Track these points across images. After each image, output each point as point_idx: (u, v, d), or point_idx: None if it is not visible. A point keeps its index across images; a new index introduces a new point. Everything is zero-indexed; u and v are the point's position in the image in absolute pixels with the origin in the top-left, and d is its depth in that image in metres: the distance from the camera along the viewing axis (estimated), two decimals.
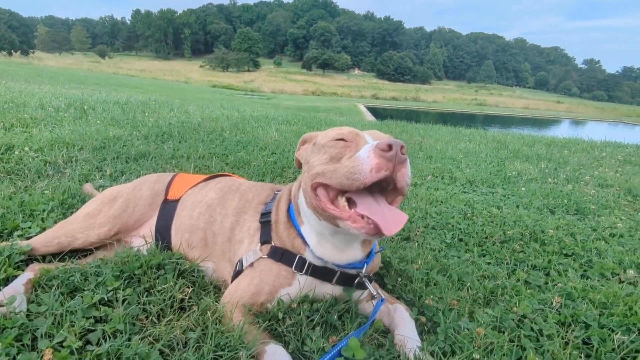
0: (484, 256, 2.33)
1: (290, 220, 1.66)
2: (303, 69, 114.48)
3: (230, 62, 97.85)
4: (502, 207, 3.17)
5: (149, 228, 1.99)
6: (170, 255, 1.85)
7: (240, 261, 1.66)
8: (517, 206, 3.26)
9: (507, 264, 2.24)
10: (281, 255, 1.59)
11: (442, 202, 3.21)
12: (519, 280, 2.05)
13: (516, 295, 1.87)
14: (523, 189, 3.79)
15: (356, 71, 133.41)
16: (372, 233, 1.29)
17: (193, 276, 1.80)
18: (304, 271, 1.58)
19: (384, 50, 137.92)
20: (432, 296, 1.78)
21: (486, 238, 2.54)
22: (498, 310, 1.70)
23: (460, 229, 2.65)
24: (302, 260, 1.58)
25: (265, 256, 1.61)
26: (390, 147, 1.25)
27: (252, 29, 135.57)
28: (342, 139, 1.45)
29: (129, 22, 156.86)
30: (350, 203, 1.38)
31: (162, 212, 1.99)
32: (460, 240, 2.53)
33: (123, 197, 2.01)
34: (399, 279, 1.92)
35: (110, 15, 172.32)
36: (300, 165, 1.73)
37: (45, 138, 4.03)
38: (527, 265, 2.21)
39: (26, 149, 3.53)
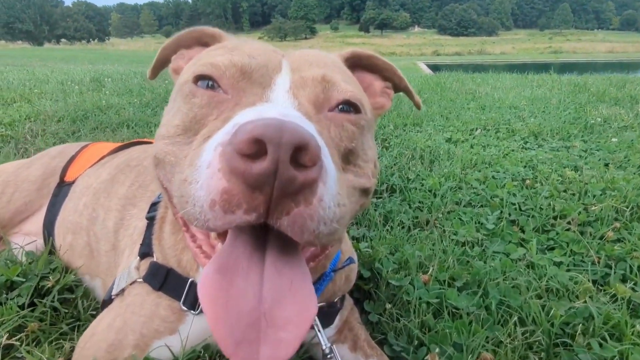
0: (551, 250, 1.42)
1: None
2: (360, 32, 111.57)
3: (288, 31, 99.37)
4: (582, 167, 2.15)
5: (37, 222, 1.41)
6: (41, 265, 1.23)
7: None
8: (606, 165, 2.23)
9: (593, 263, 1.32)
10: (163, 280, 0.89)
11: (490, 164, 2.26)
12: (614, 299, 1.14)
13: (613, 338, 0.98)
14: (614, 139, 2.70)
15: (416, 29, 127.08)
16: None
17: (65, 299, 1.17)
18: (198, 309, 0.86)
19: (445, 3, 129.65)
20: (442, 343, 0.94)
21: (555, 219, 1.61)
22: None
23: (514, 204, 1.72)
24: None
25: (141, 279, 0.92)
26: (259, 144, 0.47)
27: None
28: (210, 79, 0.67)
29: (190, 1, 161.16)
30: None
31: (53, 201, 1.40)
32: (512, 223, 1.62)
33: (0, 179, 1.45)
34: (389, 305, 1.09)
35: None
36: None
37: (25, 111, 3.61)
38: (630, 267, 1.28)
39: None
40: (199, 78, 0.67)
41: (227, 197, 0.49)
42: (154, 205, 1.04)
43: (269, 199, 0.48)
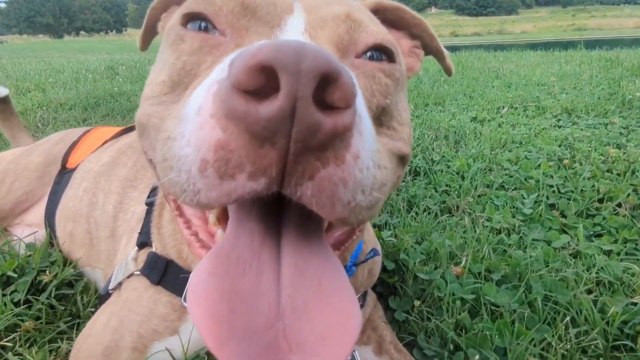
0: (598, 237, 1.27)
1: None
2: None
3: None
4: (626, 144, 1.97)
5: (39, 213, 1.32)
6: (38, 258, 1.13)
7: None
8: None
9: None
10: (162, 273, 0.78)
11: (521, 143, 2.09)
12: None
13: None
14: None
15: (433, 10, 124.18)
16: None
17: (64, 295, 1.08)
18: None
19: None
20: (481, 347, 0.82)
21: (601, 202, 1.44)
22: None
23: (552, 186, 1.57)
24: None
25: (138, 272, 0.81)
26: (268, 74, 0.31)
27: None
28: (202, 19, 0.52)
29: None
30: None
31: (55, 189, 1.31)
32: (551, 207, 1.46)
33: None
34: (418, 302, 0.96)
35: None
36: None
37: (37, 100, 3.58)
38: None
39: None
40: (188, 18, 0.52)
41: (224, 153, 0.34)
42: (155, 190, 0.94)
43: (284, 155, 0.33)
